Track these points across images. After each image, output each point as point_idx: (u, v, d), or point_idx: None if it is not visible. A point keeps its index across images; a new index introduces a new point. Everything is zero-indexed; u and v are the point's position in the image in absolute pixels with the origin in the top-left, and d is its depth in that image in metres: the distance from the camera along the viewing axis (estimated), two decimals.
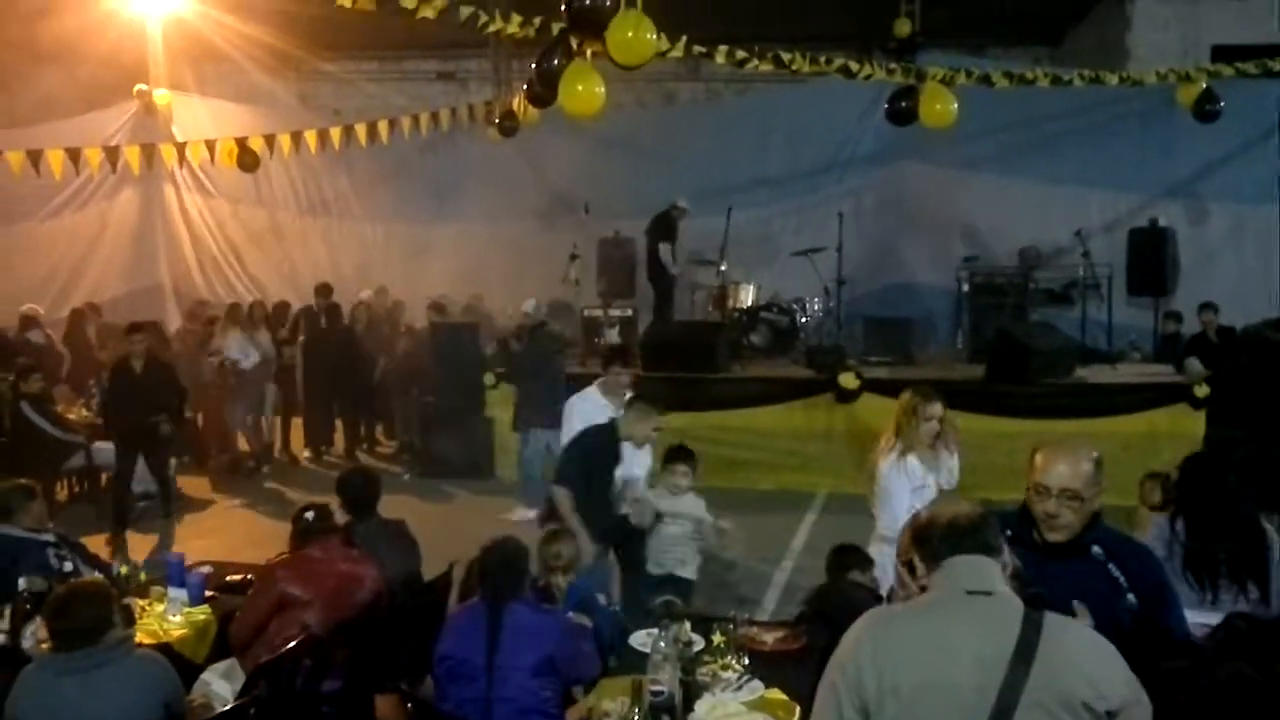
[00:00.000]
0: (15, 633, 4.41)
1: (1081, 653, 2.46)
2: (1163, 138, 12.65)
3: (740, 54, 9.27)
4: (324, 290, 12.59)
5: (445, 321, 12.23)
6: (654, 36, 6.53)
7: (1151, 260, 12.21)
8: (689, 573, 5.92)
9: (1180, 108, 11.17)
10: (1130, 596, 3.26)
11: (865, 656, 2.47)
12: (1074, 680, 2.39)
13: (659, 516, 5.80)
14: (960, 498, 3.08)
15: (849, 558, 4.99)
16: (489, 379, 10.90)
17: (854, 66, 9.92)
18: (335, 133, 12.40)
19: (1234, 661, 2.98)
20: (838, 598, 4.51)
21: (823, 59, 9.85)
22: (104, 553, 6.67)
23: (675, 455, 5.98)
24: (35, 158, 10.84)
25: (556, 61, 7.51)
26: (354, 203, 15.43)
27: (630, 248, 13.13)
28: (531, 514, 8.13)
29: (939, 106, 9.80)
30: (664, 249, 12.27)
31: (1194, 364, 10.20)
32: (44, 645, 4.16)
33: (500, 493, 10.13)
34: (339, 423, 12.23)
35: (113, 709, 3.62)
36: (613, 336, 11.94)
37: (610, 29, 6.30)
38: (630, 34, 6.43)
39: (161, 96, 14.85)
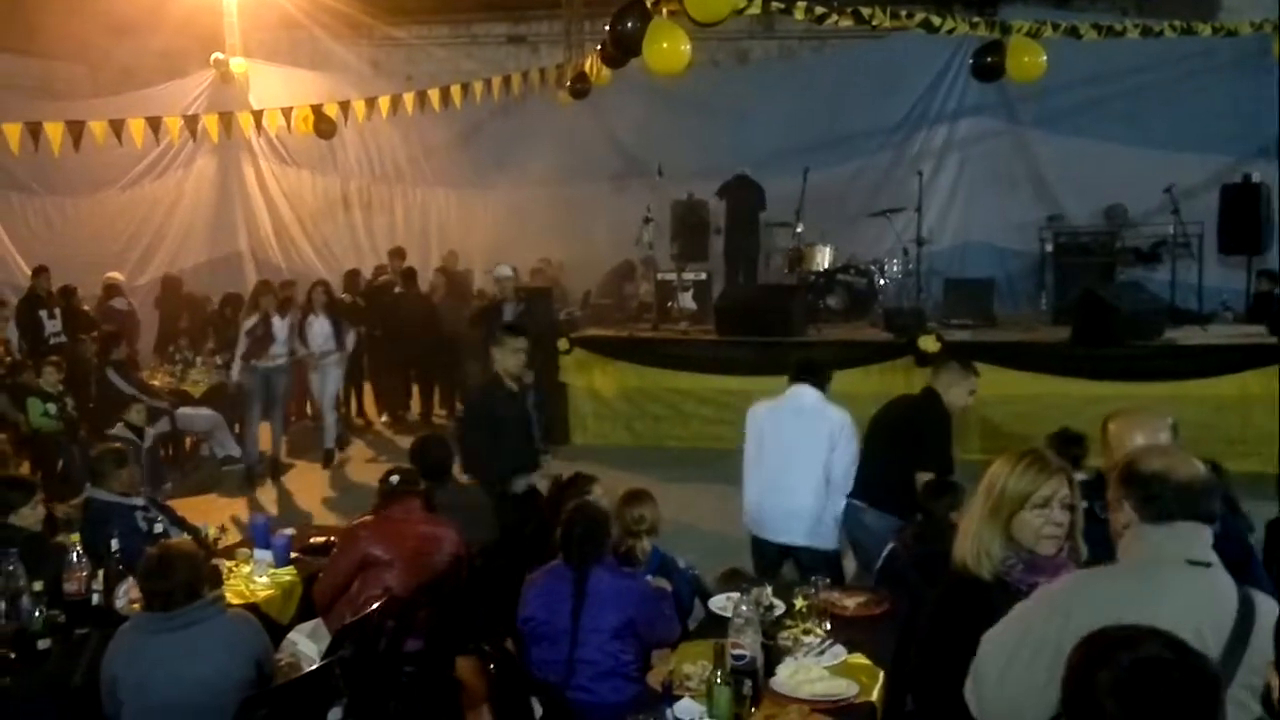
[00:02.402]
0: (109, 593, 4.51)
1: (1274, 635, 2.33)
2: (1257, 91, 12.12)
3: (819, 10, 9.06)
4: (399, 254, 12.72)
5: (519, 286, 12.22)
6: None
7: (1244, 218, 11.76)
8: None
9: (1275, 59, 10.73)
10: None
11: (1077, 616, 2.27)
12: (1269, 665, 2.27)
13: None
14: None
15: (945, 493, 4.88)
16: (563, 344, 10.90)
17: (936, 21, 9.66)
18: (408, 99, 12.45)
19: None
20: (932, 545, 4.37)
21: (903, 13, 9.61)
22: None
23: None
24: (118, 127, 11.04)
25: (632, 22, 7.40)
26: (426, 169, 15.50)
27: (703, 210, 13.00)
28: None
29: (1027, 59, 9.52)
30: (761, 216, 12.46)
31: None
32: (135, 605, 4.26)
33: (576, 459, 10.13)
34: (414, 388, 12.33)
35: (206, 666, 3.68)
36: (687, 300, 11.86)
37: None
38: None
39: (238, 65, 15.02)
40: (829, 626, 4.09)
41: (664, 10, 7.26)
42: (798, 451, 5.51)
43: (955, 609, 2.89)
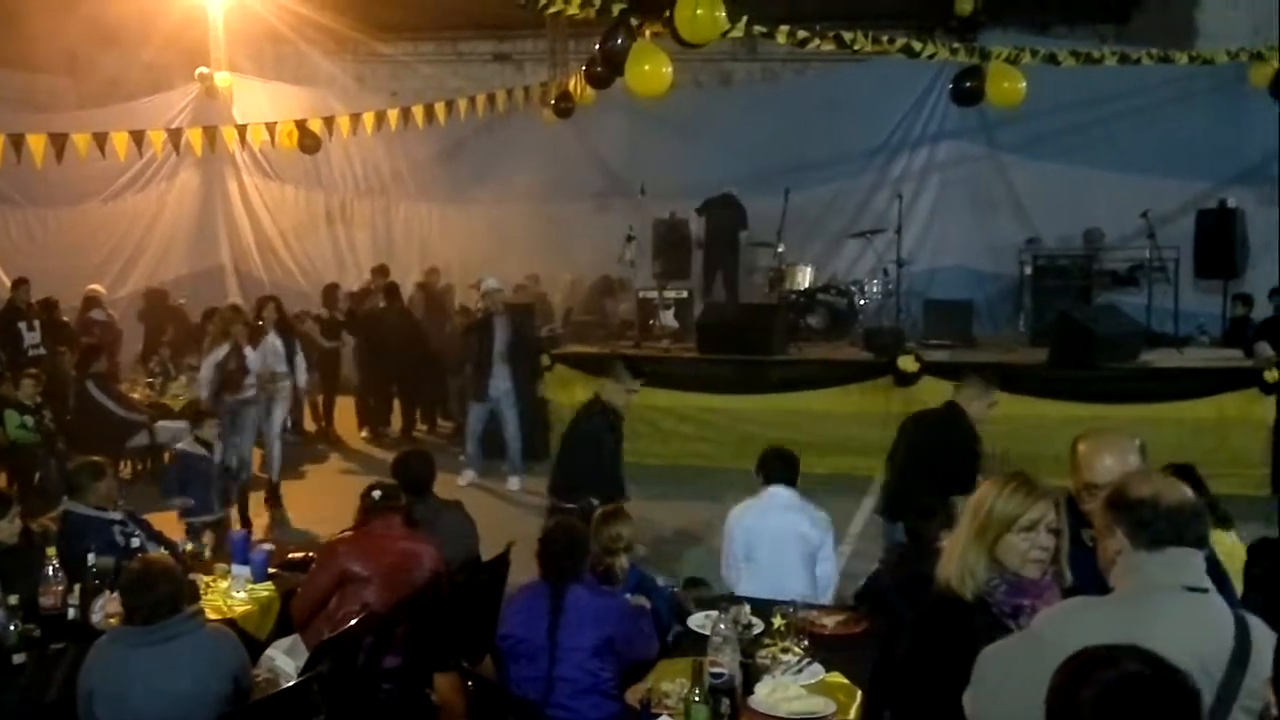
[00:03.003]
0: (85, 607, 4.49)
1: (1270, 656, 2.35)
2: (1233, 117, 12.33)
3: (801, 33, 9.15)
4: (381, 271, 12.72)
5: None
6: (722, 14, 6.47)
7: (1220, 242, 11.90)
8: None
9: (1251, 87, 10.88)
10: None
11: (1074, 646, 2.24)
12: (1266, 685, 2.30)
13: None
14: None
15: (936, 515, 4.90)
16: (544, 360, 10.91)
17: (917, 46, 9.77)
18: (393, 114, 12.47)
19: None
20: (916, 566, 4.39)
21: (885, 38, 9.72)
22: None
23: None
24: (101, 140, 11.00)
25: (620, 41, 7.47)
26: (410, 185, 15.50)
27: (685, 229, 13.07)
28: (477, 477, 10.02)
29: (1006, 85, 9.64)
30: (744, 237, 12.57)
31: (1264, 348, 9.96)
32: (112, 620, 4.24)
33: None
34: (396, 403, 12.33)
35: (184, 681, 3.68)
36: (668, 318, 11.90)
37: (677, 6, 6.24)
38: (698, 11, 6.37)
39: (222, 79, 15.02)
40: (807, 645, 4.11)
41: (648, 33, 7.32)
42: (786, 549, 5.32)
43: (936, 629, 2.90)
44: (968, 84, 10.15)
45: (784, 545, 5.28)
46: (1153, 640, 2.23)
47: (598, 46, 7.88)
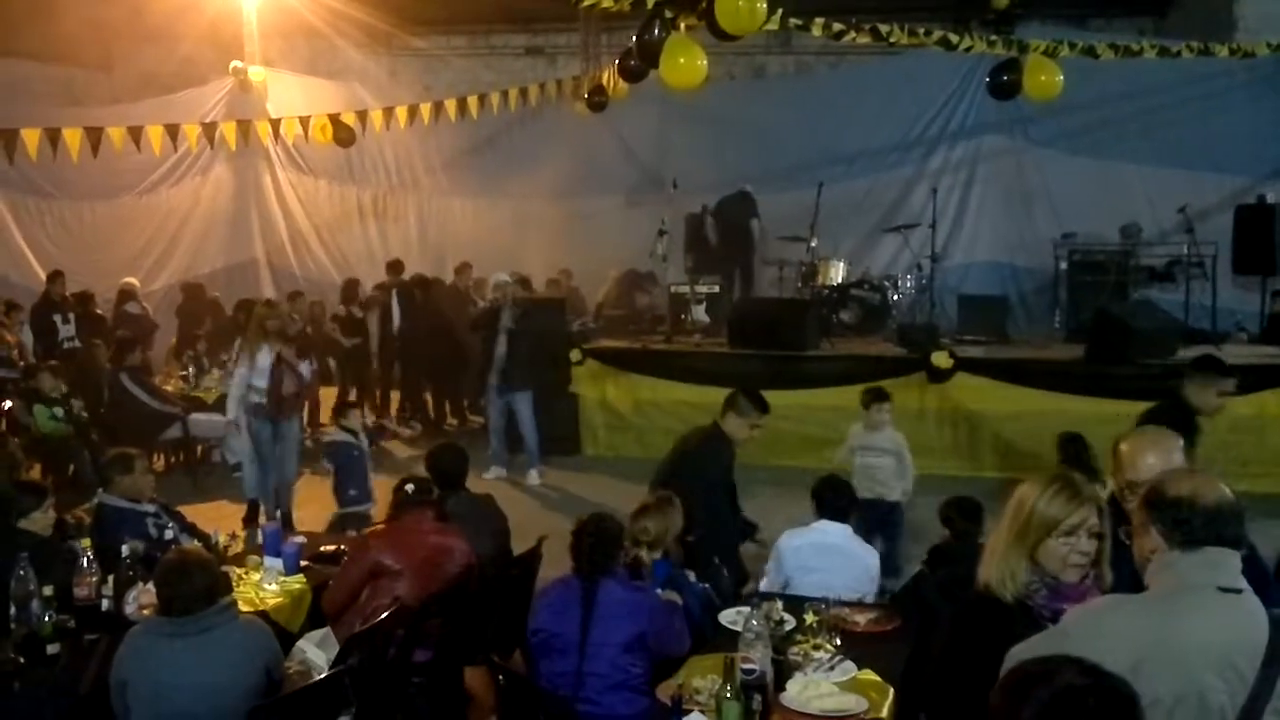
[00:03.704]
0: (119, 598, 4.52)
1: None
2: (1272, 112, 12.17)
3: (837, 26, 9.09)
4: (395, 267, 12.60)
5: (531, 297, 12.25)
6: (763, 5, 6.42)
7: (1259, 238, 11.72)
8: (895, 495, 7.05)
9: None
10: None
11: (1107, 642, 2.26)
12: None
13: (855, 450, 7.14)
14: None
15: (979, 515, 4.83)
16: (575, 355, 10.90)
17: (954, 38, 9.69)
18: (425, 108, 12.50)
19: None
20: (960, 567, 4.33)
21: (921, 31, 9.64)
22: None
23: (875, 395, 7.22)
24: (136, 134, 11.10)
25: (655, 34, 7.44)
26: (442, 179, 15.54)
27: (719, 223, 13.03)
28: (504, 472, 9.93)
29: (1044, 78, 9.52)
30: (755, 225, 12.48)
31: None
32: (145, 611, 4.27)
33: (588, 469, 10.15)
34: (428, 398, 12.33)
35: (217, 673, 3.69)
36: (699, 313, 11.85)
37: None
38: (740, 2, 6.32)
39: (256, 73, 15.12)
40: (839, 642, 4.08)
41: (683, 25, 7.29)
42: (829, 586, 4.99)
43: (975, 628, 2.86)
44: (1005, 77, 10.04)
45: (829, 585, 4.94)
46: (1183, 639, 2.24)
47: (634, 39, 7.85)
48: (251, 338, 8.27)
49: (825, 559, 5.10)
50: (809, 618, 4.20)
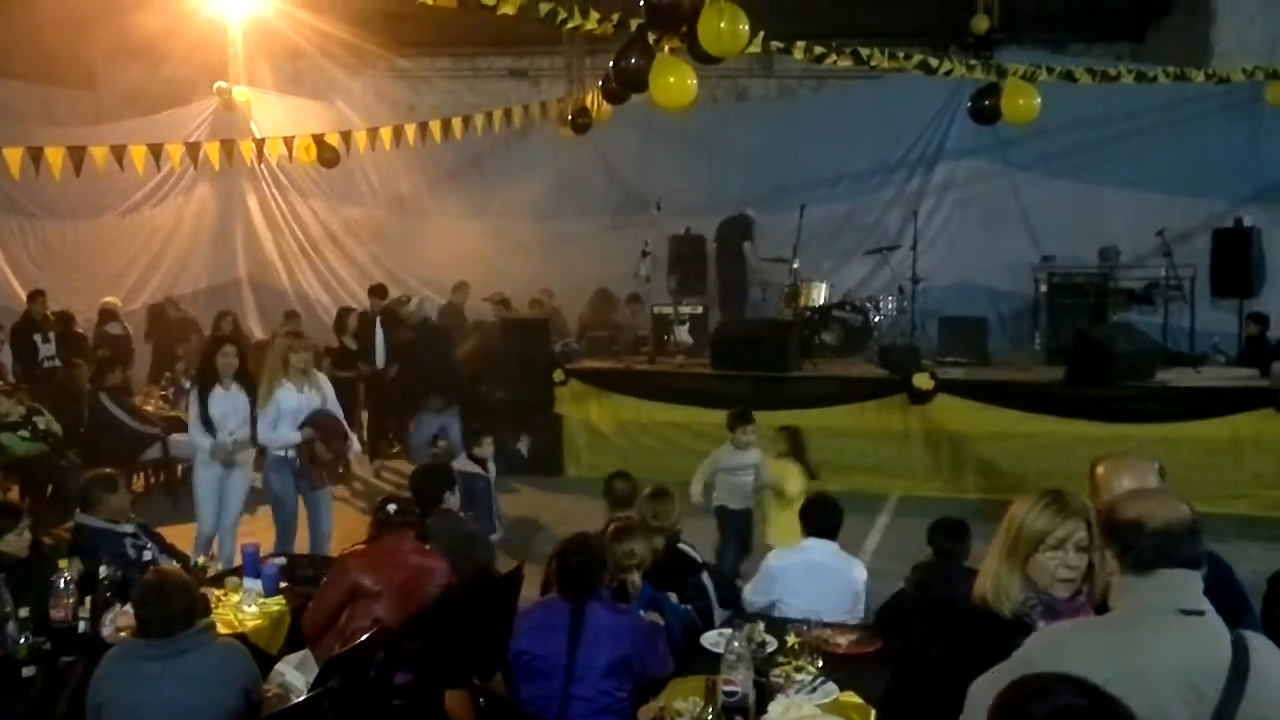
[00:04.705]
0: (96, 620, 4.48)
1: (1277, 678, 2.32)
2: (1249, 136, 12.32)
3: (818, 49, 9.17)
4: (378, 292, 12.42)
5: (515, 317, 12.26)
6: (745, 27, 6.46)
7: (1236, 262, 11.87)
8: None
9: (1268, 105, 10.86)
10: None
11: (1067, 667, 2.21)
12: (1276, 705, 2.27)
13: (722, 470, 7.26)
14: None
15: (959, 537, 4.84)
16: (558, 375, 10.91)
17: (933, 62, 9.78)
18: (410, 129, 12.52)
19: None
20: (944, 589, 4.35)
21: (901, 54, 9.72)
22: None
23: (743, 418, 7.32)
24: (119, 153, 11.07)
25: (635, 58, 7.48)
26: (427, 199, 15.55)
27: (700, 245, 13.09)
28: None
29: (1021, 102, 9.62)
30: (747, 246, 12.55)
31: None
32: (123, 633, 4.24)
33: (571, 490, 10.13)
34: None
35: (194, 695, 3.66)
36: (682, 334, 11.89)
37: (701, 20, 6.23)
38: (722, 25, 6.36)
39: (240, 93, 15.11)
40: (821, 664, 4.08)
41: (666, 47, 7.33)
42: (818, 607, 5.01)
43: (973, 643, 2.86)
44: (985, 101, 10.14)
45: (817, 604, 5.01)
46: (1145, 663, 2.24)
47: (612, 64, 7.89)
48: (271, 374, 6.99)
49: (814, 577, 5.16)
50: (791, 639, 4.21)
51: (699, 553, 5.63)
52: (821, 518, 5.33)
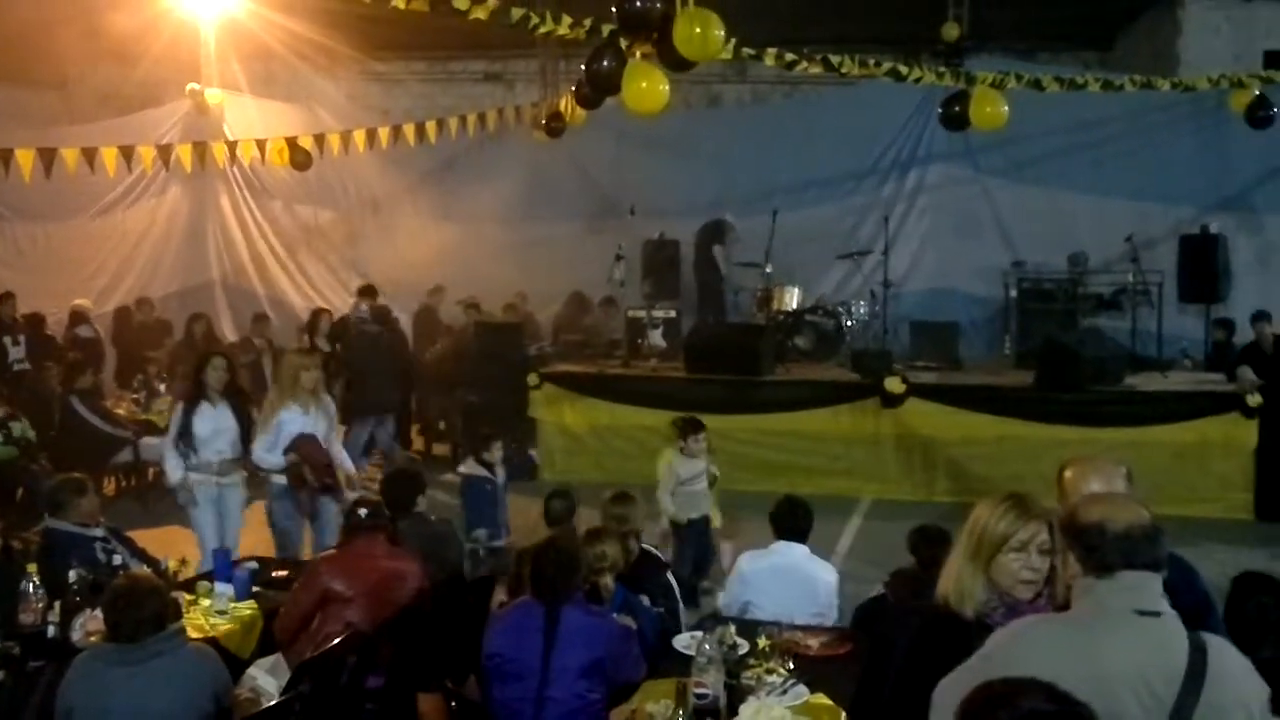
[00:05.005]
0: (65, 625, 4.46)
1: (1241, 676, 2.37)
2: (1215, 144, 12.47)
3: (789, 56, 9.23)
4: (368, 293, 12.45)
5: (489, 322, 12.25)
6: (720, 32, 6.48)
7: (1202, 267, 12.01)
8: (707, 510, 7.46)
9: (1233, 114, 11.01)
10: None
11: (1022, 666, 2.25)
12: (1236, 708, 2.31)
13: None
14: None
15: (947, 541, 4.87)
16: (532, 379, 10.91)
17: (903, 70, 9.85)
18: (383, 133, 12.48)
19: None
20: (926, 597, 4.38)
21: (872, 62, 9.79)
22: None
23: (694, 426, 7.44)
24: (90, 155, 10.99)
25: (607, 63, 7.51)
26: (402, 202, 15.51)
27: (674, 249, 13.13)
28: None
29: (989, 109, 9.70)
30: (717, 250, 12.62)
31: (1246, 372, 10.02)
32: (92, 638, 4.22)
33: (545, 493, 10.08)
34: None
35: (164, 700, 3.66)
36: (656, 338, 11.91)
37: (677, 24, 6.24)
38: (696, 29, 6.38)
39: (213, 95, 15.01)
40: (792, 666, 4.11)
41: (637, 53, 7.36)
42: (790, 609, 5.06)
43: (935, 644, 2.90)
44: (955, 108, 10.22)
45: (788, 606, 5.06)
46: (1101, 662, 2.28)
47: (584, 67, 7.91)
48: (279, 393, 6.66)
49: (785, 580, 5.20)
50: (762, 642, 4.23)
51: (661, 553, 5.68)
52: (791, 520, 5.38)
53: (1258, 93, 10.64)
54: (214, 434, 6.55)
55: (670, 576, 5.39)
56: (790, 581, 5.20)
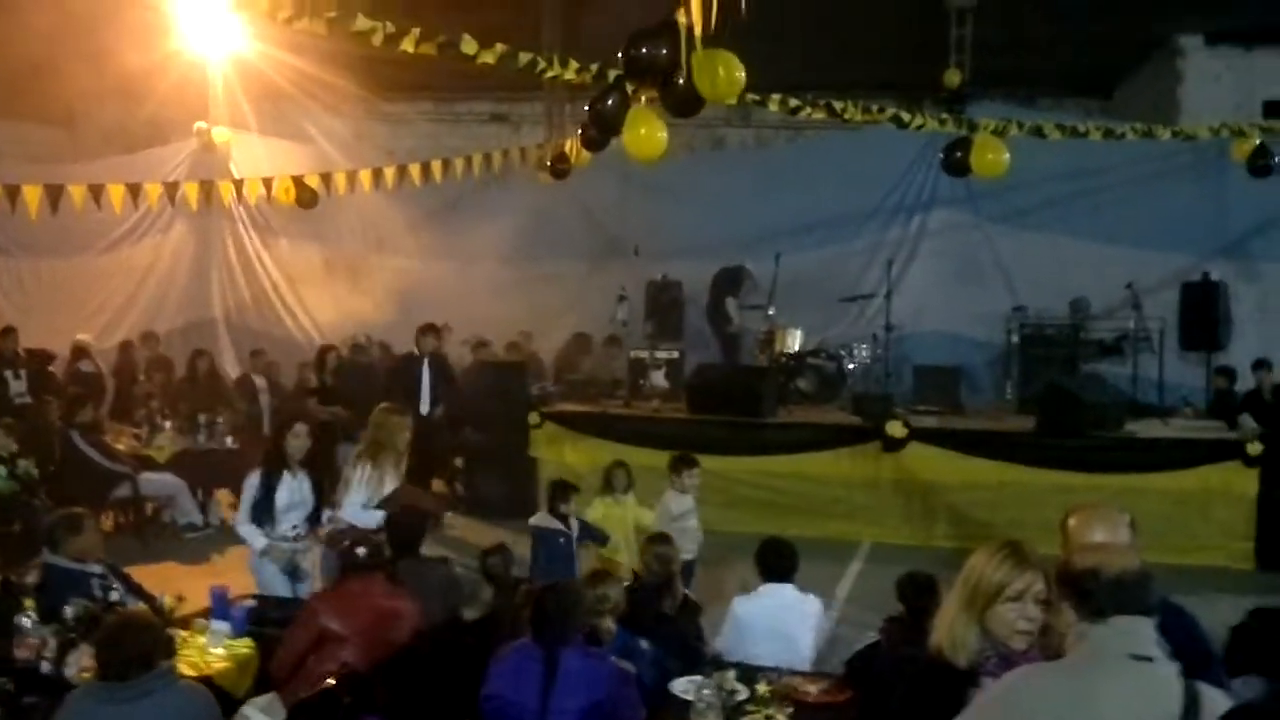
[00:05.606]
0: (60, 661, 4.44)
1: None
2: (1215, 193, 12.54)
3: (793, 102, 9.31)
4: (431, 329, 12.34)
5: (492, 360, 12.26)
6: (741, 74, 6.51)
7: (1204, 315, 12.06)
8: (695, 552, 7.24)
9: (1233, 162, 11.08)
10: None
11: (1019, 713, 2.31)
12: None
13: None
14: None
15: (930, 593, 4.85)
16: (534, 418, 10.91)
17: (906, 116, 9.94)
18: (389, 172, 12.55)
19: None
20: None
21: (875, 108, 9.87)
22: None
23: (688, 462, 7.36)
24: (97, 192, 11.03)
25: (611, 103, 7.57)
26: (407, 242, 15.57)
27: (677, 290, 13.18)
28: None
29: (990, 156, 9.77)
30: (730, 303, 12.63)
31: (1248, 420, 10.03)
32: (85, 674, 4.19)
33: None
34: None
35: None
36: (658, 378, 11.93)
37: (696, 66, 6.26)
38: (720, 71, 6.41)
39: (220, 134, 15.12)
40: (791, 711, 4.09)
41: (642, 98, 7.42)
42: (780, 652, 5.14)
43: (929, 694, 2.88)
44: (957, 154, 10.28)
45: (778, 648, 5.12)
46: (1095, 708, 2.30)
47: (588, 107, 7.97)
48: (382, 454, 6.38)
49: (777, 620, 5.22)
50: (761, 688, 4.21)
51: None
52: (776, 561, 5.40)
53: (1258, 141, 10.71)
54: (288, 507, 6.16)
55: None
56: (783, 621, 5.23)
